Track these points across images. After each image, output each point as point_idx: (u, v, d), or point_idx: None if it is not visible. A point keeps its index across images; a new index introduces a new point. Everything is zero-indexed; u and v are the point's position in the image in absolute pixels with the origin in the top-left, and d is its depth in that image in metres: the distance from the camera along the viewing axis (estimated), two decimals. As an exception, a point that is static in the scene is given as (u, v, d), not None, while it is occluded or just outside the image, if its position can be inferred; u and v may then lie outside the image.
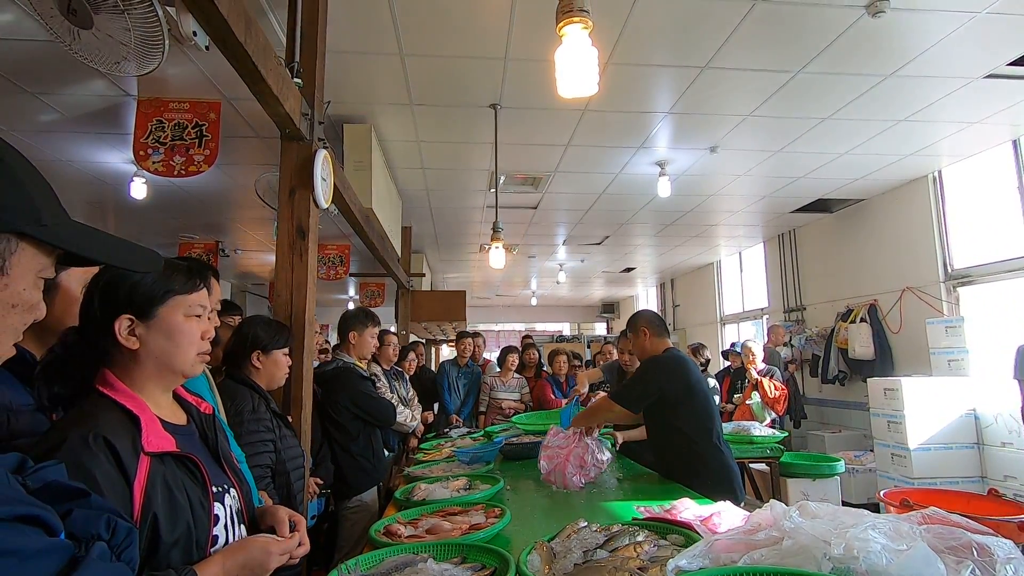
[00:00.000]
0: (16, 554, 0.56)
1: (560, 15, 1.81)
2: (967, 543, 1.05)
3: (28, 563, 0.57)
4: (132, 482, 0.89)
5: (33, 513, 0.60)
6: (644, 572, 1.21)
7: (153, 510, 0.90)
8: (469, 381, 5.24)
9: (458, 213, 6.51)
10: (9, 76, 3.24)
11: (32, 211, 0.67)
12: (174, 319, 1.02)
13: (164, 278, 1.02)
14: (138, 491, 0.89)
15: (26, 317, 0.71)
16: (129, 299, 0.98)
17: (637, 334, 2.69)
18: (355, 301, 12.00)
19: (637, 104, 3.84)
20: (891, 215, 5.82)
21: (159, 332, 1.00)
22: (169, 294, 1.02)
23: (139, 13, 1.59)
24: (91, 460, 0.85)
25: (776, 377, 5.10)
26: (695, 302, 10.58)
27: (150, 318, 1.00)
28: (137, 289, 0.99)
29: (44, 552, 0.59)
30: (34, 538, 0.59)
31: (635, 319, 2.77)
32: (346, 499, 2.84)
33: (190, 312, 1.05)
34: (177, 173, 3.29)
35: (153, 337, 1.00)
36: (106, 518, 0.69)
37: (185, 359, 1.04)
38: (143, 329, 0.99)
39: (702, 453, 2.45)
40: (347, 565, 1.38)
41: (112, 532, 0.69)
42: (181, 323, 1.03)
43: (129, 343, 0.98)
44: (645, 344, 2.68)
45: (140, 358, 1.00)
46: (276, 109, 2.10)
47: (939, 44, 3.12)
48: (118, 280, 0.99)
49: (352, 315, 3.10)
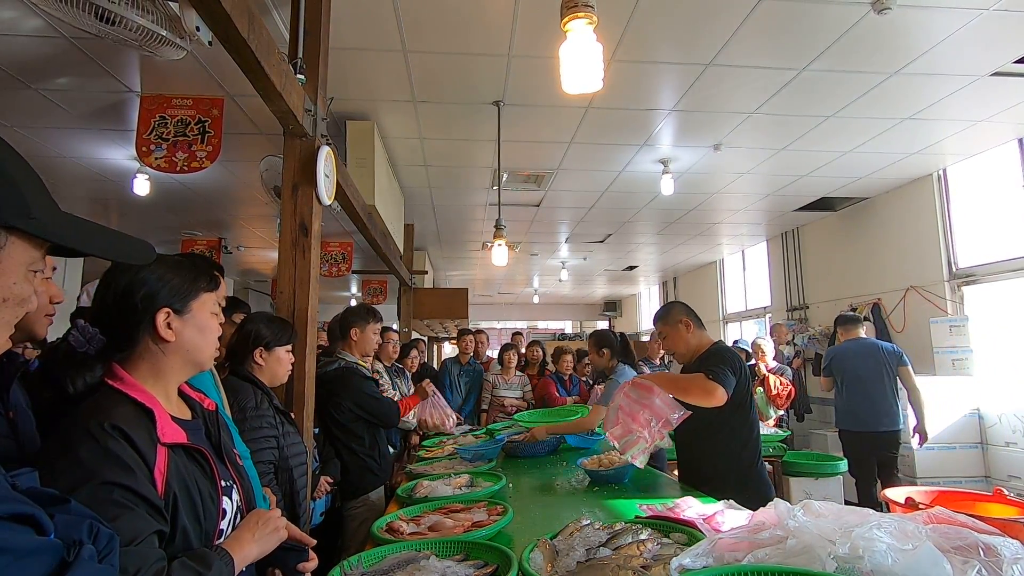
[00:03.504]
0: (11, 552, 0.55)
1: (565, 10, 1.81)
2: (973, 543, 1.04)
3: (22, 561, 0.56)
4: (153, 469, 0.91)
5: (27, 512, 0.59)
6: (647, 571, 1.20)
7: (173, 497, 0.92)
8: (471, 379, 5.24)
9: (460, 210, 6.51)
10: (13, 72, 3.24)
11: (21, 204, 0.67)
12: (204, 314, 1.09)
13: (191, 276, 1.08)
14: (159, 478, 0.91)
15: (17, 311, 0.71)
16: (168, 293, 1.04)
17: (675, 328, 2.35)
18: (357, 298, 12.02)
19: (640, 101, 3.82)
20: (895, 214, 5.80)
21: (193, 326, 1.06)
22: (199, 290, 1.08)
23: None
24: (115, 445, 0.88)
25: (786, 375, 5.14)
26: (698, 301, 10.54)
27: (185, 313, 1.05)
28: (171, 285, 1.05)
29: (37, 551, 0.58)
30: (28, 537, 0.58)
31: (668, 312, 2.43)
32: (353, 498, 2.82)
33: (213, 309, 1.12)
34: (180, 169, 3.30)
35: (188, 331, 1.05)
36: (88, 523, 0.69)
37: (211, 352, 1.10)
38: (179, 323, 1.04)
39: (752, 467, 2.23)
40: (349, 562, 1.38)
41: (94, 538, 0.68)
42: (209, 318, 1.10)
43: (167, 335, 1.02)
44: (689, 339, 2.32)
45: (170, 351, 1.04)
46: (279, 105, 2.09)
47: (945, 41, 3.10)
48: (153, 276, 1.03)
49: (354, 311, 3.06)
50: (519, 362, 5.40)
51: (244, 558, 0.98)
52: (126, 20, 1.61)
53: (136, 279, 1.02)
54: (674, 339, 2.41)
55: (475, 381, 5.22)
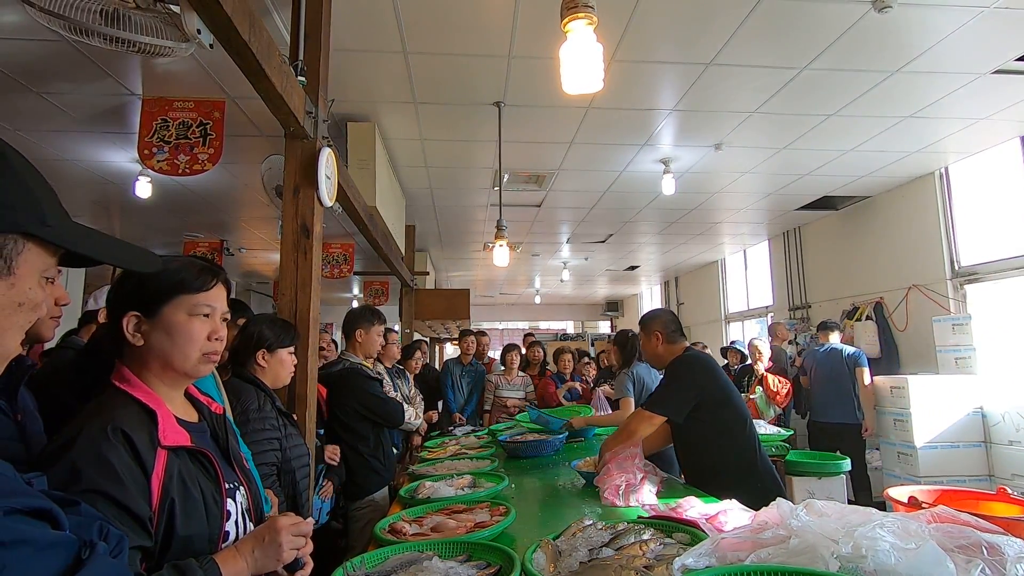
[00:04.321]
0: (32, 544, 0.57)
1: (565, 11, 1.81)
2: (977, 542, 1.04)
3: (42, 553, 0.58)
4: (150, 475, 0.90)
5: (45, 507, 0.61)
6: (650, 570, 1.20)
7: (170, 503, 0.92)
8: (472, 379, 5.24)
9: (462, 211, 6.51)
10: (15, 75, 3.25)
11: (38, 212, 0.69)
12: (176, 318, 1.02)
13: (171, 277, 1.02)
14: (156, 484, 0.91)
15: (31, 316, 0.72)
16: (138, 296, 1.00)
17: (649, 337, 2.47)
18: (359, 300, 12.03)
19: (641, 101, 3.82)
20: (897, 212, 5.78)
21: (161, 330, 1.01)
22: (174, 293, 1.02)
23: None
24: (110, 451, 0.87)
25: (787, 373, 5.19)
26: (699, 300, 10.54)
27: (154, 316, 1.01)
28: (145, 287, 1.00)
29: (56, 544, 0.60)
30: (46, 530, 0.60)
31: (648, 321, 2.53)
32: (357, 499, 2.82)
33: (195, 311, 1.03)
34: (181, 171, 3.31)
35: (156, 335, 1.01)
36: (98, 524, 0.70)
37: (185, 359, 1.02)
38: (148, 327, 1.00)
39: (751, 460, 2.25)
40: (352, 563, 1.38)
41: (104, 538, 0.69)
42: (183, 322, 1.02)
43: (135, 340, 0.99)
44: (658, 350, 2.45)
45: (145, 355, 1.01)
46: (280, 107, 2.10)
47: (946, 39, 3.09)
48: (128, 277, 1.01)
49: (358, 313, 3.08)
50: (520, 362, 5.41)
51: (236, 573, 0.94)
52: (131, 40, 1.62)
53: (120, 282, 1.02)
54: (645, 346, 2.59)
55: (477, 382, 5.22)
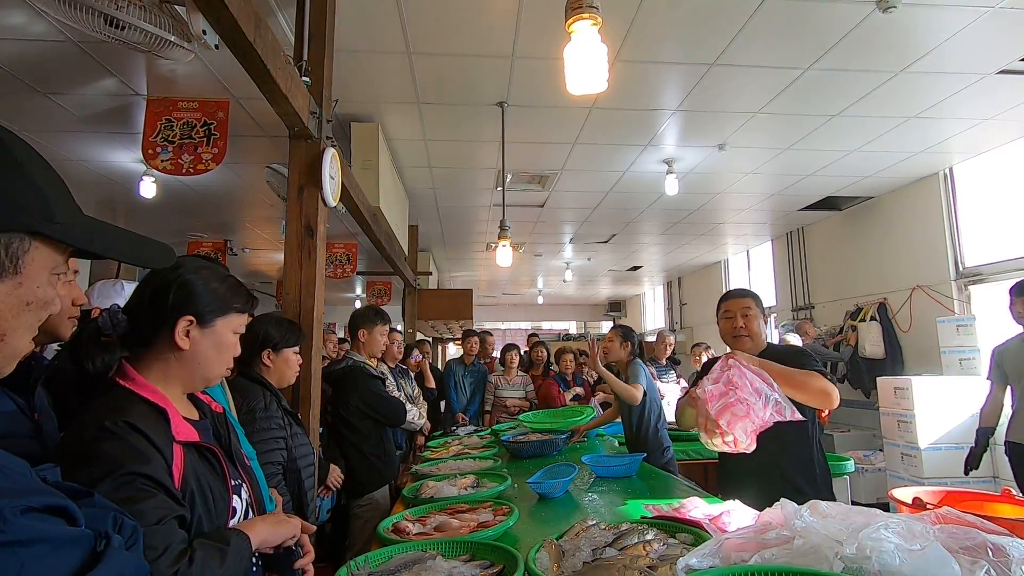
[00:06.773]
0: (49, 541, 0.57)
1: (569, 11, 1.81)
2: (982, 543, 1.03)
3: (59, 551, 0.58)
4: (170, 466, 0.93)
5: (60, 504, 0.61)
6: (653, 571, 1.20)
7: (190, 495, 0.94)
8: (475, 379, 5.24)
9: (465, 212, 6.51)
10: (20, 76, 3.27)
11: (45, 209, 0.68)
12: (226, 333, 1.08)
13: (230, 293, 1.08)
14: (177, 475, 0.93)
15: (40, 314, 0.72)
16: (197, 303, 1.03)
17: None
18: (362, 300, 12.04)
19: (645, 101, 3.82)
20: (901, 213, 5.76)
21: (212, 341, 1.06)
22: (229, 309, 1.08)
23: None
24: (138, 442, 0.90)
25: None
26: (702, 301, 10.52)
27: (208, 325, 1.05)
28: (206, 296, 1.04)
29: (72, 540, 0.60)
30: (62, 527, 0.60)
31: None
32: (358, 497, 2.84)
33: (238, 330, 1.11)
34: (185, 171, 3.32)
35: (205, 343, 1.05)
36: (113, 516, 0.70)
37: (220, 371, 1.10)
38: (198, 333, 1.04)
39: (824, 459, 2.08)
40: (356, 562, 1.39)
41: (119, 529, 0.70)
42: (230, 338, 1.09)
43: (183, 343, 1.02)
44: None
45: (184, 359, 1.04)
46: (284, 108, 2.10)
47: (951, 39, 3.08)
48: (191, 282, 1.04)
49: (362, 313, 3.09)
50: (523, 363, 5.42)
51: (258, 537, 1.01)
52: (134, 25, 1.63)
53: (177, 279, 1.03)
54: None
55: (480, 382, 5.23)
